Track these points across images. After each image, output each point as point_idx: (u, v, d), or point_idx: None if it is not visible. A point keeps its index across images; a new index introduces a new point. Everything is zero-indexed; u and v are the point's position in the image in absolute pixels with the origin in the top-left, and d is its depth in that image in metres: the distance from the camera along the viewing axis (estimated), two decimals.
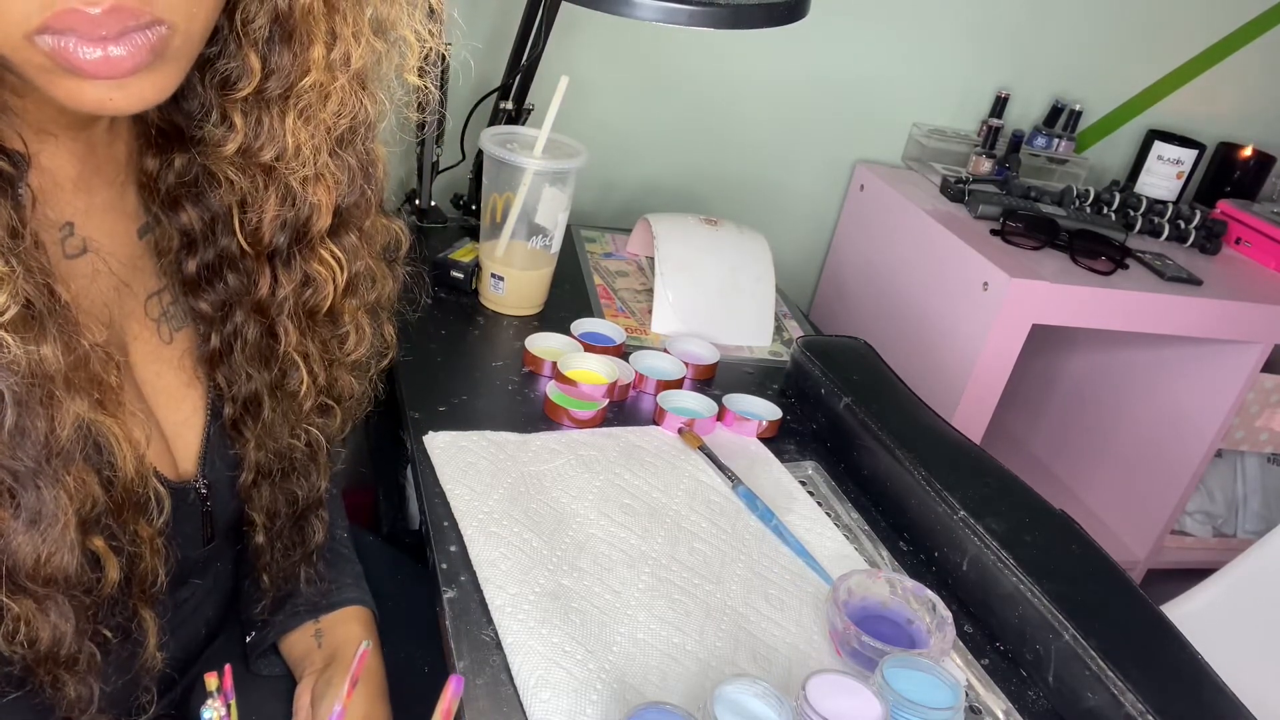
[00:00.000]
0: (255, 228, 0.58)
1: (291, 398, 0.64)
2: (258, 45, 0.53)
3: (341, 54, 0.55)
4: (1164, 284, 1.47)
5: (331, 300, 0.62)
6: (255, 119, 0.55)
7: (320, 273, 0.61)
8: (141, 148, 0.59)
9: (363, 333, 0.66)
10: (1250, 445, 1.73)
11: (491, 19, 1.37)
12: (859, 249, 1.70)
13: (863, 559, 0.80)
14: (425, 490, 0.78)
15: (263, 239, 0.59)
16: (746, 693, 0.58)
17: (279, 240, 0.59)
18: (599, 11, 0.85)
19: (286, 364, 0.63)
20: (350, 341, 0.66)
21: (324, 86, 0.55)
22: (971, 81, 1.69)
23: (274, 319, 0.61)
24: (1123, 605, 0.72)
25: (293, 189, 0.57)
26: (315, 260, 0.61)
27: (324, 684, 0.70)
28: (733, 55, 1.55)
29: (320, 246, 0.61)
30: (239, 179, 0.57)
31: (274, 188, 0.57)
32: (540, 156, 1.00)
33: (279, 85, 0.54)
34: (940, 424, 0.90)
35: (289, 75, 0.54)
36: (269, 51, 0.53)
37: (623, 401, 0.95)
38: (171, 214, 0.60)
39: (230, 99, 0.54)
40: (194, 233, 0.60)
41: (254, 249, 0.59)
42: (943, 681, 0.61)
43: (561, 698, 0.61)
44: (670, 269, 1.11)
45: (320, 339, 0.64)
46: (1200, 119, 1.81)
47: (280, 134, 0.55)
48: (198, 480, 0.62)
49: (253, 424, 0.64)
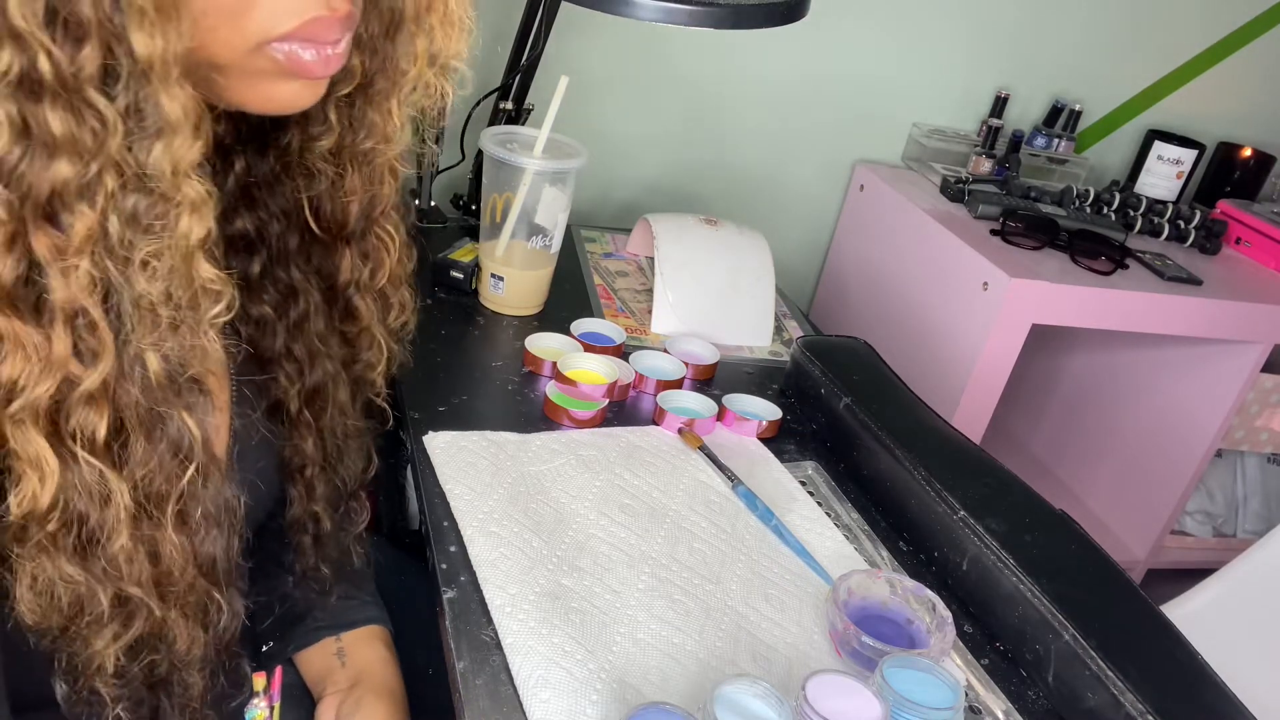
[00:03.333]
0: (340, 214, 0.62)
1: (367, 373, 0.68)
2: (364, 47, 0.57)
3: (436, 45, 0.58)
4: (1164, 284, 1.47)
5: (389, 274, 0.66)
6: (355, 112, 0.59)
7: (381, 250, 0.65)
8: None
9: (405, 302, 0.70)
10: (1250, 445, 1.73)
11: (491, 19, 1.37)
12: (859, 249, 1.70)
13: (863, 559, 0.80)
14: (425, 490, 0.78)
15: (346, 225, 0.63)
16: (746, 693, 0.58)
17: (358, 226, 0.63)
18: (599, 11, 0.85)
19: (366, 342, 0.67)
20: (394, 311, 0.70)
21: (420, 76, 0.59)
22: (971, 81, 1.69)
23: (350, 298, 0.65)
24: (1123, 605, 0.72)
25: (378, 171, 0.61)
26: (378, 239, 0.65)
27: (353, 704, 0.70)
28: (733, 55, 1.55)
29: (379, 226, 0.65)
30: (327, 169, 0.60)
31: (361, 173, 0.61)
32: (540, 156, 1.00)
33: (384, 81, 0.58)
34: (940, 424, 0.90)
35: (392, 71, 0.58)
36: (374, 51, 0.57)
37: (623, 401, 0.95)
38: (224, 222, 0.61)
39: (331, 99, 0.58)
40: (250, 235, 0.62)
41: (334, 236, 0.63)
42: (943, 681, 0.61)
43: (561, 698, 0.61)
44: (670, 269, 1.11)
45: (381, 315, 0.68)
46: (1200, 119, 1.81)
47: (379, 124, 0.59)
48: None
49: (318, 413, 0.67)
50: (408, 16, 0.57)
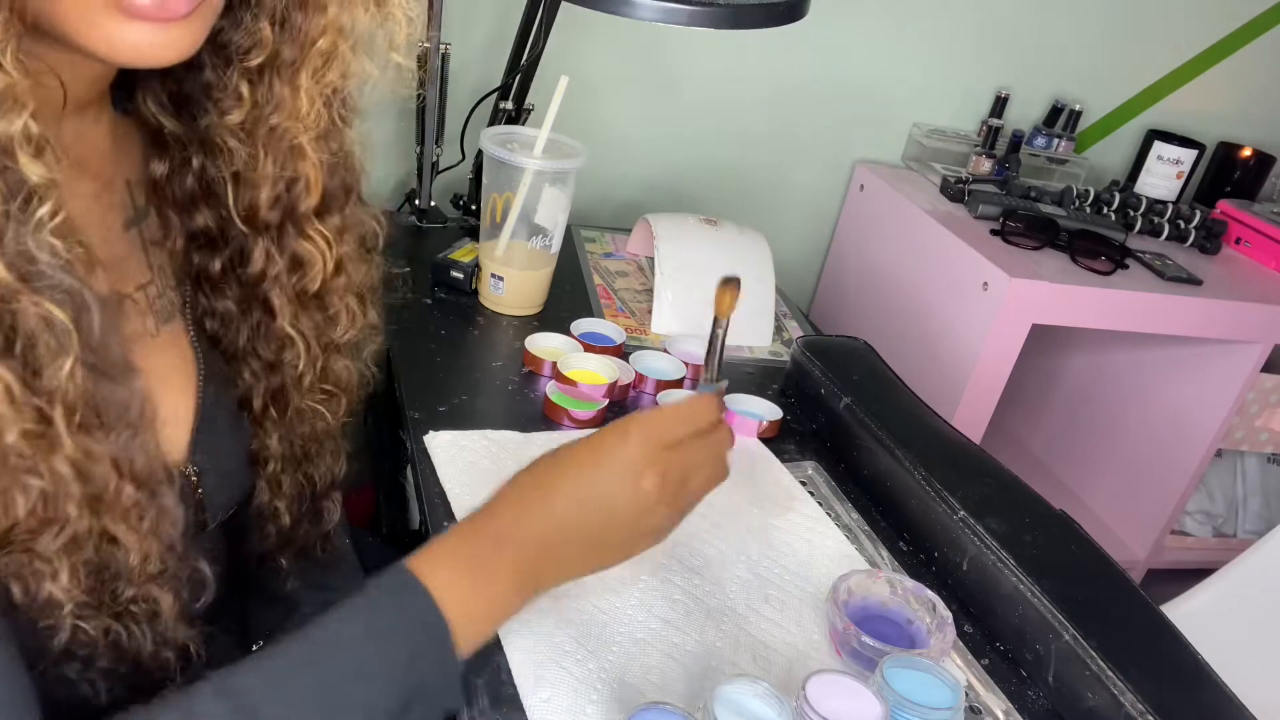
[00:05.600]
0: (252, 201, 0.60)
1: (292, 374, 0.66)
2: (273, 14, 0.55)
3: (350, 17, 0.57)
4: (1164, 284, 1.47)
5: (322, 280, 0.64)
6: (265, 85, 0.57)
7: (310, 251, 0.63)
8: (145, 153, 0.61)
9: (354, 315, 0.68)
10: (1250, 445, 1.73)
11: (491, 19, 1.37)
12: (859, 249, 1.70)
13: (863, 559, 0.80)
14: (425, 490, 0.78)
15: (258, 212, 0.61)
16: (746, 693, 0.58)
17: (273, 216, 0.61)
18: (599, 11, 0.85)
19: (284, 340, 0.65)
20: (342, 324, 0.68)
21: (333, 49, 0.57)
22: (971, 81, 1.69)
23: (267, 295, 0.63)
24: (1123, 605, 0.72)
25: (291, 155, 0.60)
26: (305, 239, 0.63)
27: None
28: (733, 55, 1.55)
29: (308, 226, 0.63)
30: (239, 147, 0.58)
31: (273, 155, 0.59)
32: (540, 156, 1.00)
33: (291, 52, 0.56)
34: (940, 424, 0.90)
35: (302, 41, 0.56)
36: (283, 21, 0.55)
37: (623, 401, 0.95)
38: (186, 217, 0.61)
39: (240, 68, 0.56)
40: (212, 232, 0.62)
41: (248, 224, 0.61)
42: (943, 681, 0.61)
43: (561, 698, 0.61)
44: (670, 269, 1.11)
45: (313, 320, 0.66)
46: (1200, 119, 1.81)
47: (288, 98, 0.57)
48: (187, 468, 0.62)
49: (281, 411, 0.66)
50: None
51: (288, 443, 0.68)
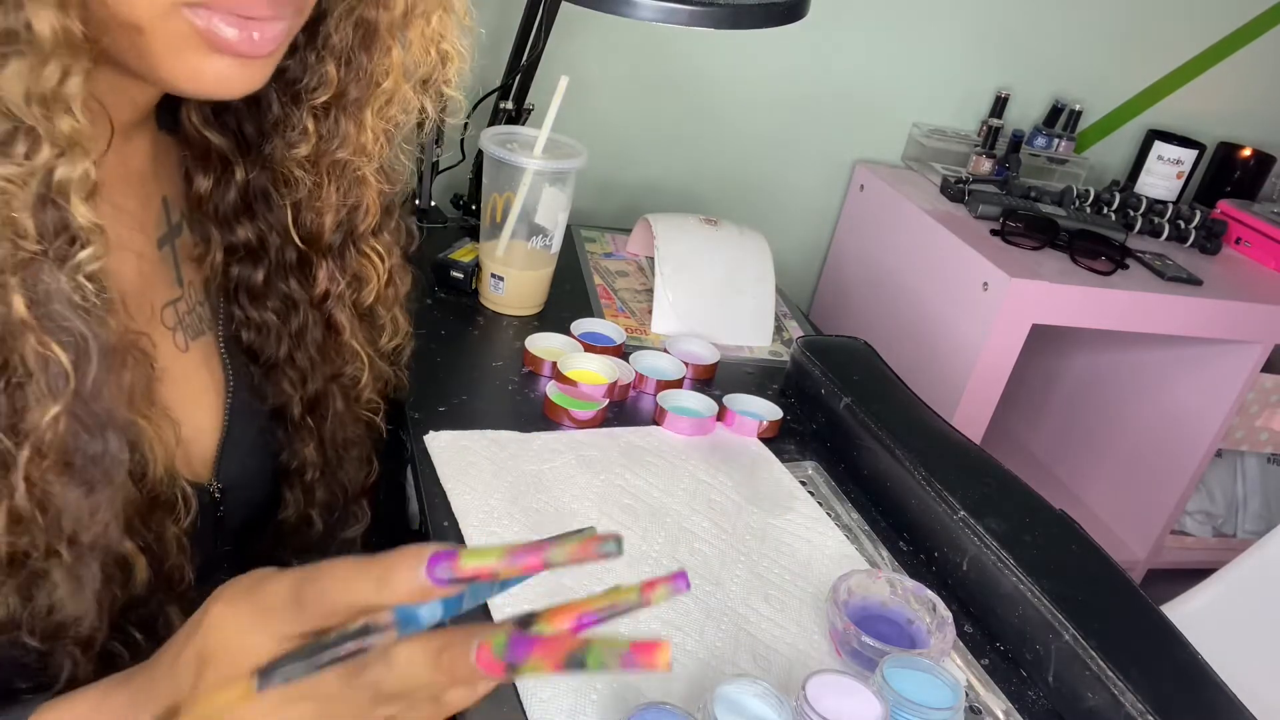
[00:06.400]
0: (315, 226, 0.63)
1: (352, 386, 0.69)
2: (338, 56, 0.57)
3: (413, 60, 0.60)
4: (1164, 284, 1.47)
5: (376, 293, 0.68)
6: (331, 121, 0.60)
7: (367, 268, 0.67)
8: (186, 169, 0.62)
9: (398, 324, 0.71)
10: (1250, 445, 1.73)
11: (491, 19, 1.37)
12: (859, 249, 1.70)
13: (863, 559, 0.80)
14: (425, 490, 0.78)
15: (322, 236, 0.64)
16: (746, 693, 0.58)
17: (335, 239, 0.64)
18: (599, 11, 0.85)
19: (348, 355, 0.68)
20: (387, 333, 0.71)
21: (396, 89, 0.60)
22: (971, 81, 1.69)
23: (331, 312, 0.66)
24: (1123, 605, 0.72)
25: (354, 184, 0.63)
26: (363, 257, 0.66)
27: None
28: (733, 55, 1.55)
29: (365, 244, 0.66)
30: (305, 176, 0.61)
31: (337, 184, 0.62)
32: (540, 156, 1.00)
33: (357, 91, 0.59)
34: (940, 424, 0.90)
35: (366, 81, 0.59)
36: (348, 61, 0.58)
37: (623, 401, 0.95)
38: (227, 230, 0.63)
39: (308, 106, 0.59)
40: (253, 244, 0.63)
41: (311, 247, 0.64)
42: (943, 681, 0.61)
43: (561, 698, 0.61)
44: (670, 269, 1.11)
45: (367, 333, 0.69)
46: (1200, 119, 1.81)
47: (353, 134, 0.60)
48: (211, 484, 0.62)
49: (320, 420, 0.67)
50: (382, 28, 0.57)
51: (323, 450, 0.68)
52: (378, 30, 0.57)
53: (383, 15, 0.57)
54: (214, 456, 0.62)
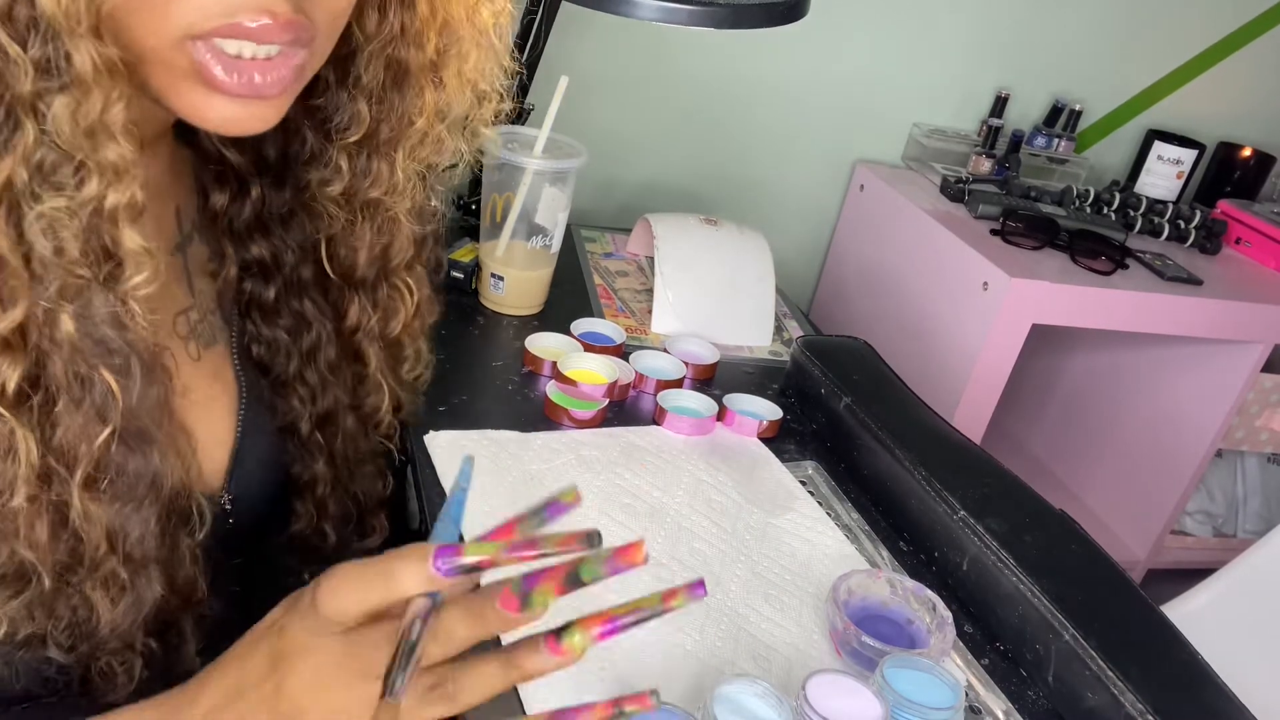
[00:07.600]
0: (349, 261, 0.63)
1: (372, 416, 0.68)
2: (370, 96, 0.57)
3: (446, 101, 0.59)
4: (1164, 284, 1.47)
5: (403, 325, 0.68)
6: (363, 160, 0.60)
7: (397, 301, 0.67)
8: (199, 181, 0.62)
9: (421, 355, 0.71)
10: (1250, 445, 1.73)
11: None
12: (859, 249, 1.70)
13: (863, 559, 0.80)
14: (425, 490, 0.78)
15: (355, 271, 0.64)
16: (746, 693, 0.58)
17: (369, 273, 0.64)
18: (599, 11, 0.85)
19: (371, 386, 0.68)
20: (409, 363, 0.71)
21: (429, 129, 0.59)
22: (971, 81, 1.69)
23: (359, 343, 0.66)
24: (1123, 605, 0.72)
25: (387, 223, 0.63)
26: (394, 290, 0.66)
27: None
28: (732, 55, 1.55)
29: (396, 277, 0.66)
30: (339, 213, 0.61)
31: (371, 222, 0.62)
32: (540, 156, 1.00)
33: (389, 131, 0.59)
34: (940, 424, 0.90)
35: (398, 121, 0.58)
36: (380, 100, 0.57)
37: (623, 401, 0.95)
38: (241, 247, 0.63)
39: (339, 144, 0.59)
40: (266, 261, 0.63)
41: (344, 279, 0.64)
42: (943, 681, 0.61)
43: (561, 697, 0.61)
44: (670, 269, 1.11)
45: (390, 364, 0.69)
46: (1200, 119, 1.81)
47: (385, 174, 0.60)
48: (222, 496, 0.62)
49: (330, 437, 0.67)
50: (414, 68, 0.57)
51: (335, 465, 0.68)
52: (409, 70, 0.57)
53: (414, 55, 0.56)
54: (225, 468, 0.62)
